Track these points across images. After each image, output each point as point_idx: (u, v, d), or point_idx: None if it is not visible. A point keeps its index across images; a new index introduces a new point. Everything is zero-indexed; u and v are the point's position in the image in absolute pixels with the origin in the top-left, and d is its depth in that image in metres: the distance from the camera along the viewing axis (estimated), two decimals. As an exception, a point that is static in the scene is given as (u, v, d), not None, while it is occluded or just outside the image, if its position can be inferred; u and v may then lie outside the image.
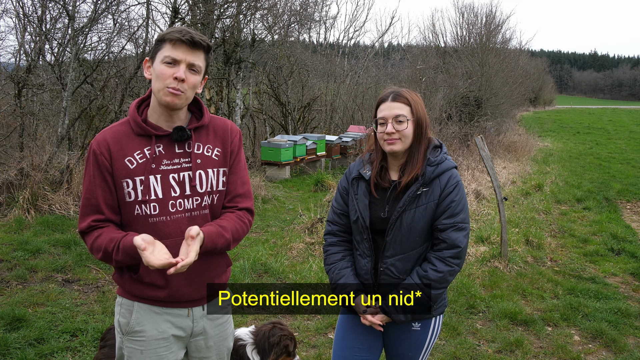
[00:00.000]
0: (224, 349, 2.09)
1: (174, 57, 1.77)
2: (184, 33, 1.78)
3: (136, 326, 1.89)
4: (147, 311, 1.89)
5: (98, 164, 1.81)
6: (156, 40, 1.85)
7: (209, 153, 1.92)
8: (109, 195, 1.82)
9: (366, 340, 2.23)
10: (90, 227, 1.82)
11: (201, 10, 9.73)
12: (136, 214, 1.82)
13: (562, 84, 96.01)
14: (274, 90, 15.40)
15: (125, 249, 1.75)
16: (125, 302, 1.92)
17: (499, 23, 16.42)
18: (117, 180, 1.81)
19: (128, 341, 1.90)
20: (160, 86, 1.79)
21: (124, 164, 1.81)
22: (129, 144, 1.83)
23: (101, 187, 1.81)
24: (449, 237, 2.04)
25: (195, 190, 1.88)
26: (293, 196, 9.59)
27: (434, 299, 2.08)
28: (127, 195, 1.81)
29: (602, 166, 13.88)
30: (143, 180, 1.80)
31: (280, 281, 5.04)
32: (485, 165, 5.78)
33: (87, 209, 1.83)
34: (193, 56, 1.80)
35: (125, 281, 1.89)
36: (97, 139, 1.84)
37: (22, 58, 11.00)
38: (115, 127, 1.87)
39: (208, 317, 1.98)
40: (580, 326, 4.30)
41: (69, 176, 7.08)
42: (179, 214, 1.86)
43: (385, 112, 2.09)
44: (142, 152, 1.83)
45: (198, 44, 1.79)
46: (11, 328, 3.77)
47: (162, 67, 1.78)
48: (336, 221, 2.26)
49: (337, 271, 2.19)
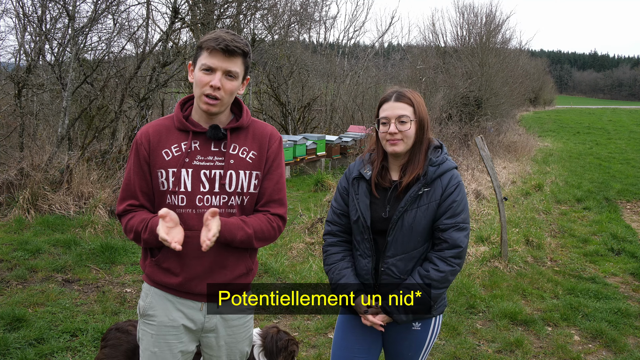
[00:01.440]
0: (236, 351, 2.08)
1: (210, 65, 1.83)
2: (219, 41, 1.81)
3: (149, 310, 1.98)
4: (161, 297, 1.97)
5: (138, 153, 1.93)
6: (197, 46, 1.90)
7: (244, 155, 1.96)
8: (145, 183, 1.94)
9: (365, 340, 2.23)
10: (126, 211, 1.95)
11: (201, 10, 9.73)
12: (167, 202, 1.92)
13: (562, 84, 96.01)
14: (274, 90, 15.41)
15: (152, 227, 1.85)
16: (145, 286, 2.02)
17: (499, 23, 16.45)
18: (153, 170, 1.92)
19: (142, 323, 2.01)
20: (198, 93, 1.87)
21: (161, 155, 1.91)
22: (168, 137, 1.93)
23: (138, 175, 1.93)
24: (450, 237, 2.04)
25: (223, 189, 1.92)
26: (293, 196, 9.60)
27: (435, 299, 2.08)
28: (161, 184, 1.91)
29: (602, 166, 13.88)
30: (175, 172, 1.89)
31: (280, 281, 5.04)
32: (485, 165, 5.78)
33: (125, 193, 1.96)
34: (229, 63, 1.84)
35: (146, 265, 1.99)
36: (142, 130, 1.96)
37: (22, 58, 11.00)
38: (160, 121, 1.99)
39: (222, 316, 2.01)
40: (580, 326, 4.30)
41: (69, 176, 7.08)
42: (205, 208, 1.90)
43: (388, 112, 2.08)
44: (179, 145, 1.92)
45: (233, 52, 1.83)
46: (11, 328, 3.77)
47: (200, 74, 1.85)
48: (336, 221, 2.25)
49: (338, 271, 2.19)
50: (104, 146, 9.48)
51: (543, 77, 44.80)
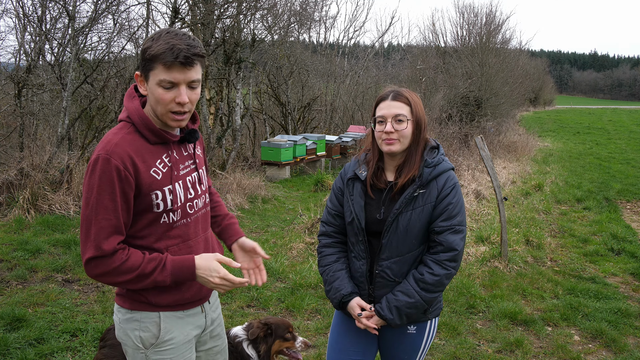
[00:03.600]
0: (224, 337, 2.15)
1: (171, 80, 1.65)
2: (176, 52, 1.62)
3: (166, 335, 1.84)
4: (172, 318, 1.86)
5: (121, 181, 1.66)
6: (145, 56, 1.67)
7: (199, 152, 1.99)
8: (127, 214, 1.71)
9: (360, 343, 2.21)
10: (116, 250, 1.67)
11: (201, 10, 9.72)
12: (162, 221, 1.78)
13: (562, 84, 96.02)
14: (274, 90, 15.40)
15: (178, 265, 1.74)
16: (147, 314, 1.82)
17: (499, 23, 16.43)
18: (146, 194, 1.72)
19: (155, 353, 1.83)
20: (162, 111, 1.71)
21: (151, 176, 1.73)
22: (149, 155, 1.75)
23: (123, 207, 1.69)
24: (445, 240, 2.01)
25: (202, 190, 1.94)
26: (293, 196, 9.59)
27: (430, 302, 2.06)
28: (156, 206, 1.75)
29: (602, 166, 13.88)
30: (172, 189, 1.78)
31: (280, 281, 5.04)
32: (485, 165, 5.78)
33: (108, 230, 1.65)
34: (191, 72, 1.68)
35: (148, 294, 1.79)
36: (118, 153, 1.66)
37: (22, 58, 11.01)
38: (128, 138, 1.72)
39: (211, 309, 2.04)
40: (580, 326, 4.30)
41: (69, 176, 7.08)
42: (196, 214, 1.90)
43: (384, 110, 2.06)
44: (162, 160, 1.78)
45: (192, 61, 1.66)
46: (11, 328, 3.77)
47: (160, 91, 1.67)
48: (331, 222, 2.23)
49: (332, 273, 2.16)
50: (104, 146, 9.47)
51: (543, 77, 44.78)
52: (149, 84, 1.70)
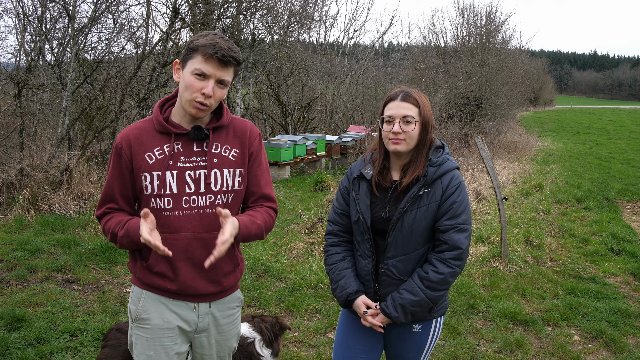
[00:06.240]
0: (225, 348, 2.10)
1: (204, 72, 1.81)
2: (217, 49, 1.79)
3: (142, 314, 1.96)
4: (155, 300, 1.96)
5: (119, 158, 1.91)
6: (189, 46, 1.85)
7: (226, 153, 1.96)
8: (124, 187, 1.94)
9: (367, 341, 2.22)
10: (104, 213, 1.96)
11: (201, 10, 9.72)
12: (152, 206, 1.90)
13: (562, 84, 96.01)
14: (274, 90, 15.41)
15: (130, 227, 1.86)
16: (136, 289, 2.00)
17: (499, 23, 16.44)
18: (137, 174, 1.90)
19: (136, 328, 1.98)
20: (187, 97, 1.84)
21: (144, 159, 1.89)
22: (150, 141, 1.91)
23: (118, 180, 1.93)
24: (450, 239, 2.03)
25: (209, 188, 1.92)
26: (293, 196, 9.59)
27: (435, 301, 2.07)
28: (145, 188, 1.90)
29: (602, 166, 13.88)
30: (160, 175, 1.88)
31: (280, 281, 5.04)
32: (485, 165, 5.78)
33: (104, 197, 1.97)
34: (223, 72, 1.83)
35: (137, 269, 1.98)
36: (122, 134, 1.94)
37: (22, 58, 11.01)
38: (139, 124, 1.96)
39: (214, 315, 2.02)
40: (580, 326, 4.30)
41: (69, 176, 7.08)
42: (192, 210, 1.91)
43: (393, 110, 2.07)
44: (162, 148, 1.90)
45: (228, 62, 1.82)
46: (11, 328, 3.77)
47: (192, 78, 1.82)
48: (337, 221, 2.24)
49: (338, 272, 2.18)
50: (104, 146, 9.50)
51: (543, 77, 44.80)
52: (183, 72, 1.85)
